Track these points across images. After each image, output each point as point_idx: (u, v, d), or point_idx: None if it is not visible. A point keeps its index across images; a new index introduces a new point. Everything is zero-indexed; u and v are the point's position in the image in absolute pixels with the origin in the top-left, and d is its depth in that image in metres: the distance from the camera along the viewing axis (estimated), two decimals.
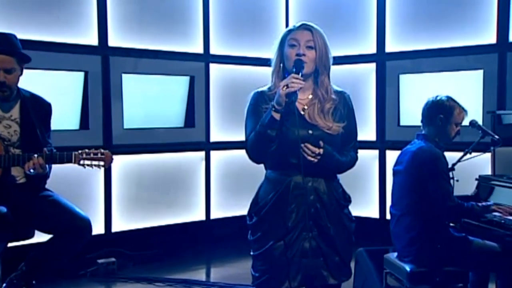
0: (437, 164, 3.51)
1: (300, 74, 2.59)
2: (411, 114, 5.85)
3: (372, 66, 6.11)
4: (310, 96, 2.74)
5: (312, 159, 2.63)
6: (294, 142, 2.61)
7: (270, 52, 6.81)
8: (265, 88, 2.79)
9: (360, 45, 6.16)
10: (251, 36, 6.33)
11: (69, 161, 3.32)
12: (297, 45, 2.69)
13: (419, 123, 3.79)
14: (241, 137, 5.78)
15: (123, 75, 5.53)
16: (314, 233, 2.68)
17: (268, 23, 6.48)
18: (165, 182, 5.84)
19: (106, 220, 5.47)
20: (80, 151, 3.34)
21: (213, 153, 6.16)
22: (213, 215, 6.19)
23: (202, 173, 6.09)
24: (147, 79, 5.77)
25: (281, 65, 2.75)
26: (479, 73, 5.50)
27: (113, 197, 5.51)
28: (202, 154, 6.08)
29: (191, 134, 5.99)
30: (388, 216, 5.86)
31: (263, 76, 6.02)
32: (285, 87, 2.54)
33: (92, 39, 5.34)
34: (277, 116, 2.59)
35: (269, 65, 2.85)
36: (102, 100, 5.40)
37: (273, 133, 2.59)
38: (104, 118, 5.41)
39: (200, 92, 6.03)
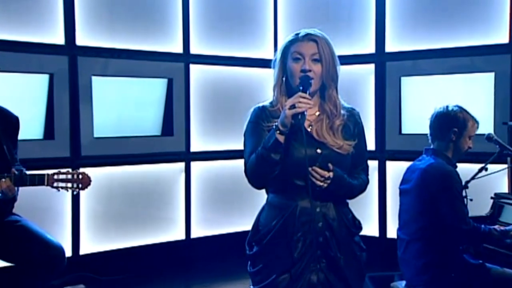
0: (450, 183, 3.53)
1: (307, 92, 2.62)
2: (414, 121, 5.87)
3: (371, 67, 6.11)
4: (317, 112, 2.77)
5: (321, 184, 2.65)
6: (300, 162, 2.62)
7: (257, 51, 6.79)
8: (266, 103, 2.80)
9: (357, 44, 6.15)
10: (236, 34, 6.32)
11: (41, 183, 3.28)
12: (301, 59, 2.71)
13: (423, 131, 3.82)
14: (225, 146, 6.24)
15: (93, 78, 5.48)
16: (323, 264, 2.69)
17: (254, 20, 6.47)
18: (140, 198, 5.80)
19: (73, 241, 5.41)
20: (53, 172, 3.30)
21: (194, 165, 6.13)
22: (194, 234, 6.16)
23: (182, 186, 6.06)
24: (120, 82, 5.73)
25: (284, 78, 2.77)
26: (490, 76, 5.53)
27: (81, 215, 5.46)
28: (181, 165, 6.05)
29: (169, 143, 5.96)
30: (389, 235, 6.02)
31: (250, 78, 6.49)
32: (291, 107, 2.56)
33: (57, 37, 5.29)
34: (281, 138, 2.59)
35: (257, 66, 2.85)
36: (69, 106, 5.35)
37: (277, 157, 2.60)
38: (72, 126, 5.37)
39: (179, 96, 5.99)
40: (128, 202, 5.74)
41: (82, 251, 5.46)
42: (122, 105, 5.78)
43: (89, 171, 5.22)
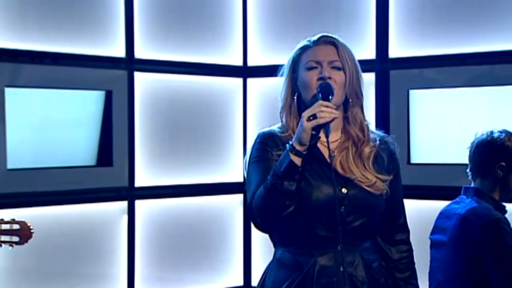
0: (498, 235, 3.52)
1: (330, 100, 2.65)
2: (426, 147, 5.79)
3: (370, 76, 5.95)
4: (339, 138, 2.81)
5: None
6: (321, 205, 2.66)
7: (222, 56, 6.80)
8: (274, 128, 2.85)
9: (352, 47, 5.94)
10: (195, 34, 6.21)
11: None
12: (318, 66, 2.74)
13: (438, 160, 3.96)
14: (181, 179, 6.18)
15: (6, 90, 5.33)
16: None
17: (219, 16, 6.39)
18: (69, 249, 5.63)
19: None
20: None
21: (139, 204, 5.97)
22: None
23: (123, 232, 5.90)
24: (42, 95, 5.60)
25: (295, 97, 2.81)
26: None
27: None
28: (123, 204, 5.89)
29: (107, 176, 5.81)
30: None
31: (213, 90, 6.42)
32: (311, 117, 2.58)
33: None
34: (297, 161, 2.59)
35: (222, 75, 2.91)
36: None
37: (293, 186, 2.59)
38: None
39: (120, 113, 5.83)
40: (53, 255, 5.56)
41: None
42: (45, 126, 5.62)
43: (2, 214, 5.22)
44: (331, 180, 2.62)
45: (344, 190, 2.69)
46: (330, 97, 2.65)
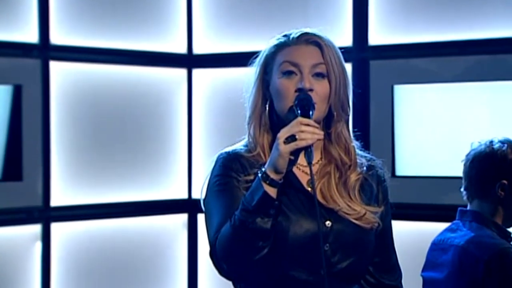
0: (508, 269, 3.50)
1: (310, 118, 2.62)
2: (415, 155, 5.74)
3: (346, 68, 5.82)
4: (319, 160, 2.82)
5: None
6: (300, 243, 2.66)
7: (160, 42, 6.73)
8: (239, 147, 2.83)
9: (325, 34, 5.90)
10: (126, 15, 6.12)
11: None
12: (297, 73, 2.72)
13: (431, 173, 4.19)
14: (109, 197, 6.03)
15: None
16: None
17: None
18: None
19: None
20: None
21: (56, 227, 5.82)
22: None
23: (36, 262, 5.75)
24: None
25: (267, 106, 2.80)
26: None
27: None
28: (36, 228, 5.74)
29: (16, 193, 5.67)
30: None
31: (150, 83, 6.27)
32: (289, 139, 2.54)
33: None
34: (272, 192, 2.56)
35: (160, 65, 2.95)
36: None
37: (267, 223, 2.57)
38: None
39: (32, 113, 5.69)
40: None
41: None
42: None
43: None
44: (312, 212, 2.61)
45: (328, 223, 2.69)
46: (310, 112, 2.64)
